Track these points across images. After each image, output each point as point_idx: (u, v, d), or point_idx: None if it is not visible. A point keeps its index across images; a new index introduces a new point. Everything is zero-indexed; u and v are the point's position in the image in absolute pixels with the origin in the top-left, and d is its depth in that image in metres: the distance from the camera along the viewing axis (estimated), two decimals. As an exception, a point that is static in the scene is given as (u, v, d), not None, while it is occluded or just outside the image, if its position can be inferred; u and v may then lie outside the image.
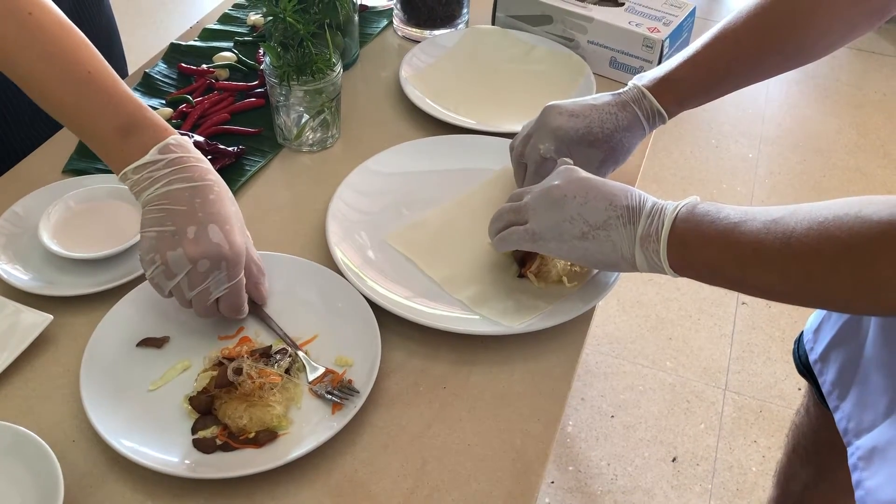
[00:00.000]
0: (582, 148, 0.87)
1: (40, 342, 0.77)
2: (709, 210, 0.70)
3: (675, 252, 0.71)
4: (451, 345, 0.80)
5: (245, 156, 1.01)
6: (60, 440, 0.70)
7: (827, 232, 0.62)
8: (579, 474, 1.67)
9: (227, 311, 0.77)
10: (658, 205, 0.73)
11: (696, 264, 0.71)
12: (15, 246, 0.86)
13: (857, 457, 0.82)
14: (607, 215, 0.74)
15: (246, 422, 0.71)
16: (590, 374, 1.86)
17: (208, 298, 0.74)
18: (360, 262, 0.86)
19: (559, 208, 0.76)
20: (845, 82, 2.90)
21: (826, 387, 0.93)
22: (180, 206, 0.72)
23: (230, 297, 0.76)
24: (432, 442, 0.73)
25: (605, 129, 0.88)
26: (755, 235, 0.66)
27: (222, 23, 1.27)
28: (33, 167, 0.98)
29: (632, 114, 0.89)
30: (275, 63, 0.95)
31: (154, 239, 0.72)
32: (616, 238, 0.73)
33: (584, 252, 0.75)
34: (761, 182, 2.42)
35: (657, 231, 0.71)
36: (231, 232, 0.74)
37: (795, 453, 1.18)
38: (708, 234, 0.69)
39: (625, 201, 0.74)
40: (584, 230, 0.74)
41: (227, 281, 0.74)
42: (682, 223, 0.70)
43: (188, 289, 0.73)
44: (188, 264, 0.72)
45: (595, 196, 0.74)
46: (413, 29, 1.25)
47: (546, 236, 0.77)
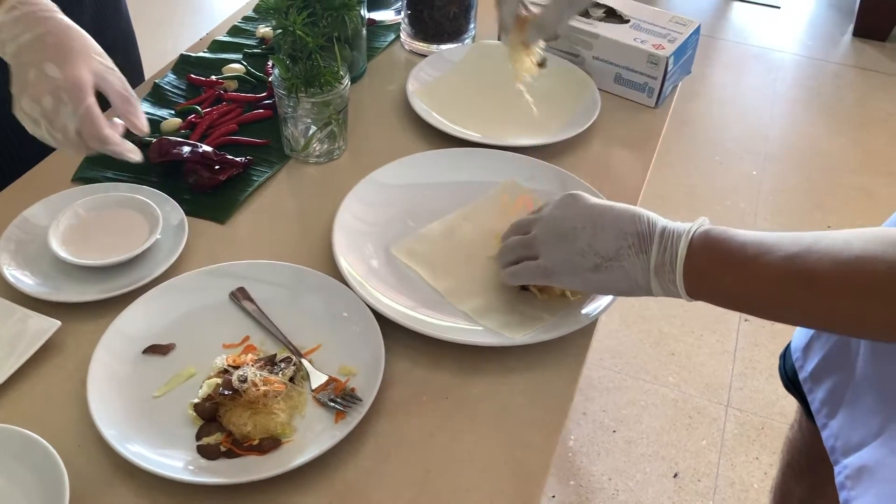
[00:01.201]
0: None
1: (48, 348, 0.78)
2: (722, 238, 0.69)
3: (692, 281, 0.70)
4: (454, 356, 0.81)
5: (253, 166, 1.02)
6: (66, 445, 0.70)
7: (851, 274, 0.61)
8: (580, 489, 1.67)
9: (89, 140, 0.79)
10: (668, 230, 0.72)
11: (714, 294, 0.70)
12: (24, 252, 0.87)
13: (844, 476, 0.82)
14: (618, 245, 0.73)
15: (250, 429, 0.71)
16: (592, 389, 1.86)
17: (70, 134, 0.78)
18: (364, 273, 0.87)
19: (569, 241, 0.75)
20: (850, 101, 2.91)
21: (815, 405, 0.92)
22: (26, 57, 0.78)
23: (84, 126, 0.78)
24: (434, 451, 0.73)
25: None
26: (775, 271, 0.65)
27: (232, 35, 1.28)
28: (43, 175, 1.00)
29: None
30: (283, 75, 0.96)
31: (14, 93, 0.78)
32: (629, 267, 0.73)
33: (598, 284, 0.75)
34: (765, 199, 2.43)
35: (671, 261, 0.70)
36: (66, 64, 0.77)
37: (790, 469, 1.18)
38: (725, 264, 0.68)
39: (634, 227, 0.73)
40: (596, 262, 0.74)
41: (73, 111, 0.77)
42: (696, 253, 0.69)
43: (53, 129, 0.78)
44: (36, 105, 0.77)
45: (604, 226, 0.74)
46: (420, 43, 1.26)
47: (559, 271, 0.77)
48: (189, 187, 0.98)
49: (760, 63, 3.15)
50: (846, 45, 3.29)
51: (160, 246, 0.89)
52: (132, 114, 0.82)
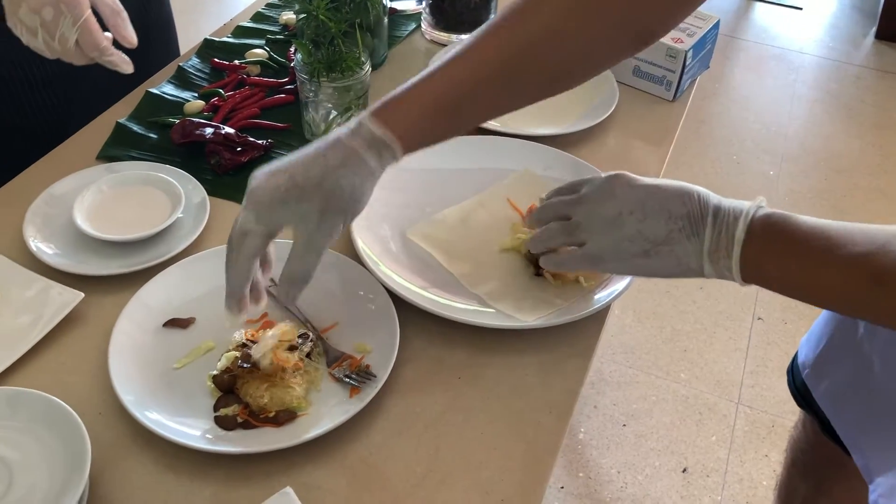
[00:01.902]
0: (291, 206, 0.68)
1: (71, 318, 0.80)
2: (784, 226, 0.66)
3: (749, 269, 0.67)
4: (468, 337, 0.82)
5: (274, 149, 1.04)
6: (88, 412, 0.72)
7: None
8: (589, 481, 1.68)
9: (88, 49, 0.82)
10: (723, 210, 0.68)
11: (772, 282, 0.67)
12: (50, 226, 0.89)
13: (878, 494, 0.82)
14: (668, 229, 0.69)
15: (266, 401, 0.73)
16: (603, 383, 1.87)
17: (68, 43, 0.81)
18: (381, 254, 0.88)
19: (617, 227, 0.71)
20: (870, 103, 2.89)
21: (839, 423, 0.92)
22: None
23: (84, 35, 0.81)
24: (446, 429, 0.74)
25: (311, 176, 0.68)
26: (845, 268, 0.62)
27: (255, 21, 1.30)
28: (69, 152, 1.02)
29: (344, 149, 0.69)
30: (306, 59, 0.98)
31: (8, 4, 0.81)
32: (680, 252, 0.69)
33: (647, 269, 0.72)
34: (781, 200, 2.43)
35: (728, 247, 0.67)
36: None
37: (795, 467, 1.18)
38: (787, 255, 0.65)
39: (684, 208, 0.69)
40: (645, 248, 0.70)
41: (73, 21, 0.80)
42: (755, 240, 0.66)
43: (51, 39, 0.81)
44: (35, 16, 0.80)
45: (653, 209, 0.70)
46: (441, 33, 1.27)
47: (606, 258, 0.73)
48: (211, 168, 1.00)
49: (781, 64, 3.14)
50: (868, 47, 3.27)
51: (182, 224, 0.91)
52: (122, 27, 0.85)
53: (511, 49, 0.71)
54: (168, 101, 1.11)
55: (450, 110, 0.72)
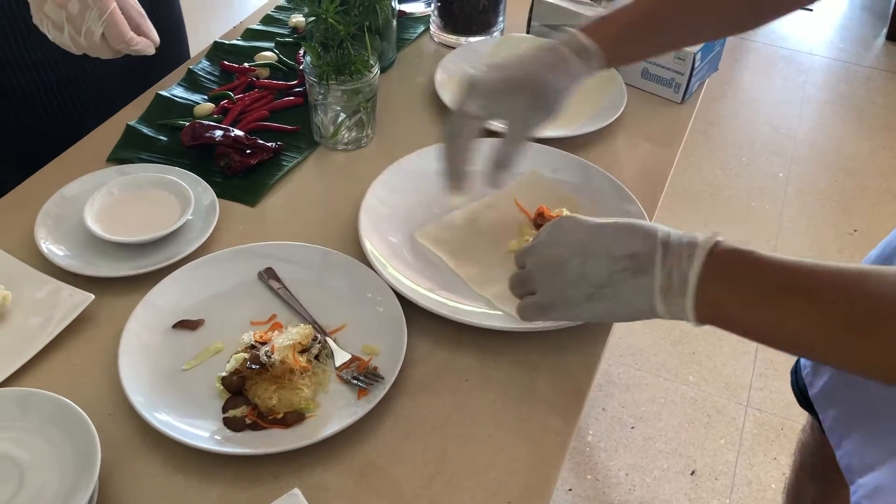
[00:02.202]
0: (503, 97, 0.79)
1: (82, 319, 0.81)
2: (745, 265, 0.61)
3: (705, 310, 0.63)
4: (475, 339, 0.82)
5: (283, 152, 1.04)
6: (98, 413, 0.72)
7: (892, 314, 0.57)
8: (597, 483, 1.67)
9: (114, 42, 0.83)
10: (673, 246, 0.64)
11: (734, 326, 0.63)
12: (61, 228, 0.90)
13: (860, 495, 0.81)
14: (610, 270, 0.66)
15: (275, 402, 0.73)
16: (611, 385, 1.87)
17: (94, 37, 0.82)
18: (388, 256, 0.88)
19: (560, 273, 0.69)
20: (880, 104, 2.88)
21: (827, 423, 0.92)
22: None
23: (110, 28, 0.82)
24: (453, 431, 0.75)
25: (527, 72, 0.79)
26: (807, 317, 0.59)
27: (264, 24, 1.30)
28: (80, 155, 1.02)
29: (557, 54, 0.80)
30: (315, 62, 0.98)
31: (34, 2, 0.81)
32: (625, 293, 0.66)
33: (596, 313, 0.69)
34: (791, 201, 2.42)
35: (681, 286, 0.63)
36: None
37: (803, 470, 1.18)
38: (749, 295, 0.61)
39: (627, 248, 0.65)
40: (589, 292, 0.67)
41: (99, 14, 0.81)
42: (711, 279, 0.62)
43: (77, 34, 0.81)
44: (61, 11, 0.80)
45: (594, 251, 0.67)
46: (449, 35, 1.28)
47: (555, 306, 0.71)
48: (221, 170, 1.00)
49: (790, 65, 3.13)
50: (879, 48, 3.26)
51: (192, 226, 0.92)
52: (144, 26, 0.87)
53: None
54: (178, 103, 1.11)
55: (646, 31, 0.83)
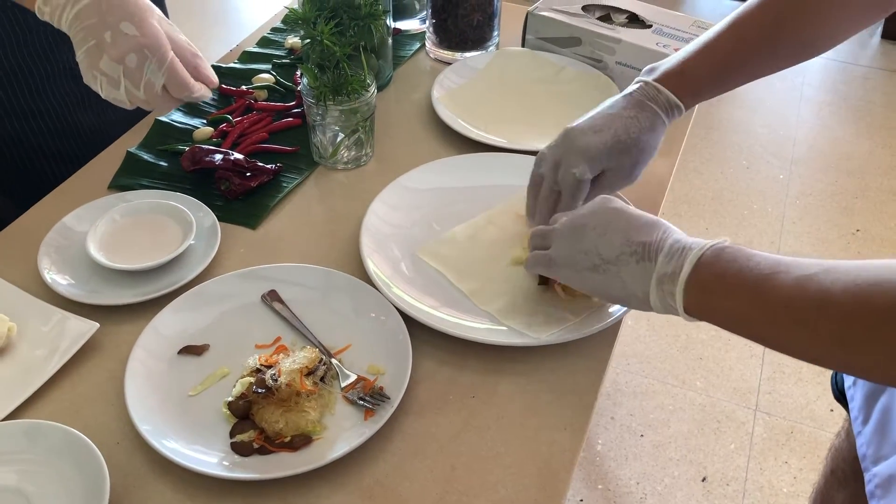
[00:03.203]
0: (614, 157, 0.86)
1: (87, 348, 0.81)
2: (737, 256, 0.66)
3: (694, 297, 0.67)
4: (480, 355, 0.82)
5: (282, 173, 1.05)
6: (106, 441, 0.73)
7: (865, 297, 0.58)
8: (608, 493, 1.67)
9: (176, 91, 0.82)
10: (681, 243, 0.69)
11: (718, 313, 0.67)
12: (64, 257, 0.90)
13: (874, 484, 0.81)
14: (620, 251, 0.72)
15: (282, 426, 0.73)
16: (619, 394, 1.87)
17: (155, 89, 0.80)
18: (391, 274, 0.88)
19: (579, 238, 0.76)
20: (879, 104, 2.88)
21: (853, 412, 0.92)
22: (91, 19, 0.77)
23: (172, 78, 0.81)
24: (461, 449, 0.75)
25: (630, 135, 0.86)
26: (787, 292, 0.62)
27: (261, 46, 1.31)
28: (81, 183, 1.03)
29: (651, 113, 0.87)
30: (312, 84, 0.99)
31: (85, 59, 0.78)
32: (626, 275, 0.72)
33: (594, 284, 0.75)
34: (792, 203, 2.42)
35: (676, 272, 0.68)
36: (143, 22, 0.78)
37: (834, 476, 1.17)
38: (734, 283, 0.65)
39: (644, 237, 0.71)
40: (596, 263, 0.74)
41: (160, 65, 0.79)
42: (705, 268, 0.67)
43: (136, 88, 0.79)
44: (119, 66, 0.78)
45: (614, 229, 0.73)
46: (445, 51, 1.28)
47: (561, 263, 0.77)
48: (221, 194, 1.00)
49: (787, 67, 3.13)
50: (874, 47, 3.26)
51: (194, 250, 0.92)
52: (202, 67, 0.86)
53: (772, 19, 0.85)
54: (177, 128, 1.12)
55: (725, 79, 0.89)
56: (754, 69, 0.89)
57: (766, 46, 0.87)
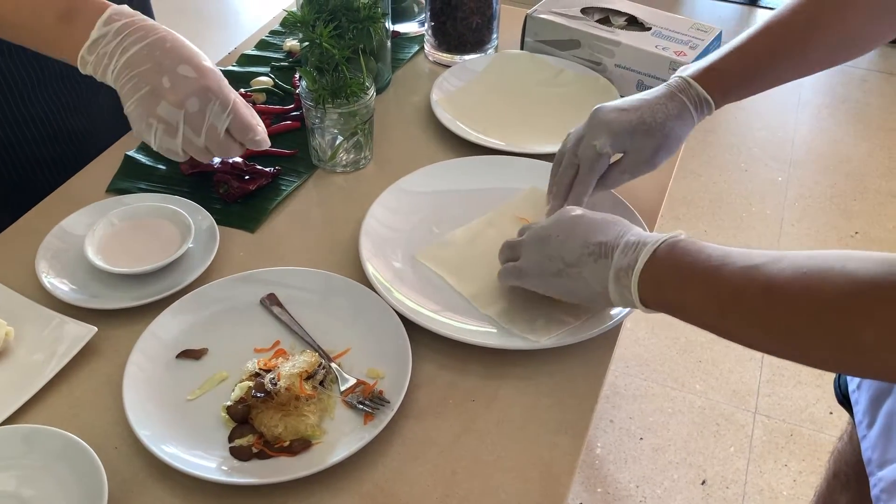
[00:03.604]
0: (637, 138, 0.88)
1: (85, 353, 0.80)
2: (689, 249, 0.68)
3: (648, 289, 0.70)
4: (480, 359, 0.82)
5: (281, 176, 1.04)
6: (104, 446, 0.72)
7: (809, 284, 0.59)
8: (608, 496, 1.66)
9: (241, 134, 0.78)
10: (637, 238, 0.72)
11: (672, 304, 0.70)
12: (62, 261, 0.90)
13: (879, 489, 0.81)
14: (580, 253, 0.75)
15: (281, 431, 0.73)
16: (618, 397, 1.86)
17: (218, 133, 0.77)
18: (391, 278, 0.88)
19: (543, 246, 0.78)
20: (876, 106, 2.89)
21: (858, 416, 0.91)
22: (144, 65, 0.74)
23: (237, 119, 0.77)
24: (461, 453, 0.74)
25: (656, 118, 0.88)
26: (735, 281, 0.64)
27: (259, 49, 1.31)
28: (79, 187, 1.03)
29: (680, 103, 0.89)
30: (310, 87, 0.99)
31: (139, 107, 0.75)
32: (587, 274, 0.74)
33: (559, 288, 0.78)
34: (791, 205, 2.42)
35: (630, 266, 0.71)
36: (199, 64, 0.76)
37: (836, 479, 1.17)
38: (685, 274, 0.67)
39: (601, 237, 0.74)
40: (560, 268, 0.76)
41: (223, 107, 0.76)
42: (659, 261, 0.69)
43: (196, 134, 0.76)
44: (180, 110, 0.74)
45: (575, 234, 0.76)
46: (444, 54, 1.28)
47: (529, 273, 0.80)
48: (220, 197, 1.00)
49: (785, 69, 3.13)
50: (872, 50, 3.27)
51: (192, 254, 0.91)
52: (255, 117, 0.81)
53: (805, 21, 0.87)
54: (175, 131, 1.11)
55: (755, 78, 0.90)
56: (785, 71, 0.90)
57: (798, 48, 0.89)
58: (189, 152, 0.78)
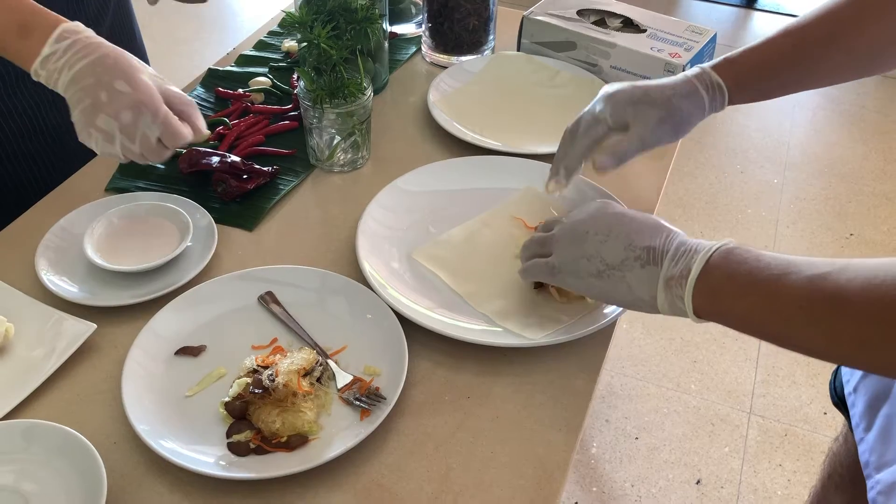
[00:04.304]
0: (640, 107, 0.87)
1: (84, 350, 0.81)
2: (746, 258, 0.66)
3: (704, 299, 0.67)
4: (476, 356, 0.83)
5: (279, 175, 1.05)
6: (103, 442, 0.73)
7: (881, 294, 0.57)
8: (603, 495, 1.67)
9: (170, 141, 0.84)
10: (687, 245, 0.70)
11: (729, 315, 0.67)
12: (62, 259, 0.91)
13: (876, 491, 0.82)
14: (625, 255, 0.72)
15: (278, 426, 0.74)
16: (614, 397, 1.87)
17: (150, 141, 0.83)
18: (387, 276, 0.89)
19: (580, 244, 0.76)
20: (871, 109, 2.90)
21: (855, 419, 0.92)
22: (87, 80, 0.80)
23: (166, 129, 0.83)
24: (456, 449, 0.75)
25: (664, 93, 0.88)
26: (801, 291, 0.61)
27: (258, 49, 1.32)
28: (78, 186, 1.03)
29: (691, 85, 0.88)
30: (309, 87, 0.99)
31: (81, 118, 0.81)
32: (631, 279, 0.72)
33: (599, 290, 0.75)
34: (786, 208, 2.43)
35: (684, 275, 0.68)
36: (134, 79, 0.81)
37: (831, 480, 1.17)
38: (745, 284, 0.65)
39: (647, 241, 0.72)
40: (600, 269, 0.74)
41: (154, 118, 0.81)
42: (714, 269, 0.66)
43: (131, 142, 0.82)
44: (115, 122, 0.80)
45: (616, 234, 0.73)
46: (441, 55, 1.29)
47: (564, 270, 0.77)
48: (218, 196, 1.01)
49: (781, 72, 3.14)
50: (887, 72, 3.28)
51: (191, 252, 0.92)
52: (195, 117, 0.87)
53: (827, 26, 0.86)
54: (174, 131, 1.12)
55: (773, 73, 0.89)
56: (798, 77, 0.89)
57: (813, 58, 0.87)
58: (128, 157, 0.84)
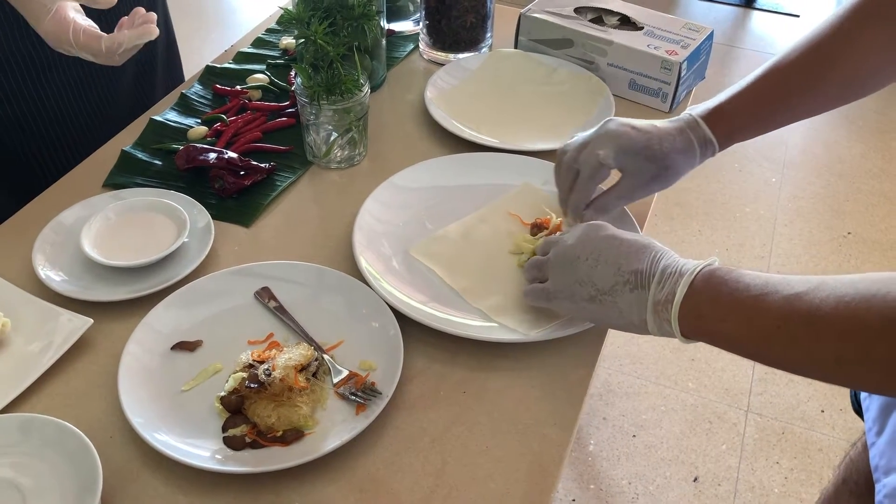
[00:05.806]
0: (639, 160, 0.87)
1: (80, 344, 0.81)
2: (727, 279, 0.67)
3: (689, 323, 0.69)
4: (471, 351, 0.83)
5: (276, 172, 1.05)
6: (99, 435, 0.73)
7: (853, 313, 0.59)
8: (600, 493, 1.67)
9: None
10: (672, 268, 0.71)
11: (714, 336, 0.68)
12: (59, 254, 0.91)
13: (883, 494, 0.82)
14: (614, 280, 0.73)
15: (274, 421, 0.74)
16: (612, 394, 1.87)
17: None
18: (383, 272, 0.89)
19: (573, 270, 0.76)
20: (870, 108, 2.90)
21: (868, 423, 0.92)
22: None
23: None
24: (452, 443, 0.75)
25: (663, 146, 0.87)
26: (778, 312, 0.63)
27: (256, 47, 1.32)
28: (76, 181, 1.04)
29: (687, 139, 0.89)
30: (306, 83, 1.00)
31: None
32: (622, 304, 0.73)
33: (593, 315, 0.76)
34: (784, 206, 2.43)
35: (669, 300, 0.69)
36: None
37: (845, 485, 1.17)
38: (726, 305, 0.66)
39: (635, 265, 0.72)
40: (592, 294, 0.75)
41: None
42: (697, 293, 0.68)
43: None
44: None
45: (606, 259, 0.74)
46: (438, 52, 1.29)
47: (559, 296, 0.78)
48: (215, 192, 1.01)
49: (780, 71, 3.14)
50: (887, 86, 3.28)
51: (187, 248, 0.92)
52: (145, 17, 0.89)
53: (811, 65, 0.87)
54: (172, 127, 1.12)
55: (764, 120, 0.90)
56: (791, 112, 0.90)
57: (804, 90, 0.88)
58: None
